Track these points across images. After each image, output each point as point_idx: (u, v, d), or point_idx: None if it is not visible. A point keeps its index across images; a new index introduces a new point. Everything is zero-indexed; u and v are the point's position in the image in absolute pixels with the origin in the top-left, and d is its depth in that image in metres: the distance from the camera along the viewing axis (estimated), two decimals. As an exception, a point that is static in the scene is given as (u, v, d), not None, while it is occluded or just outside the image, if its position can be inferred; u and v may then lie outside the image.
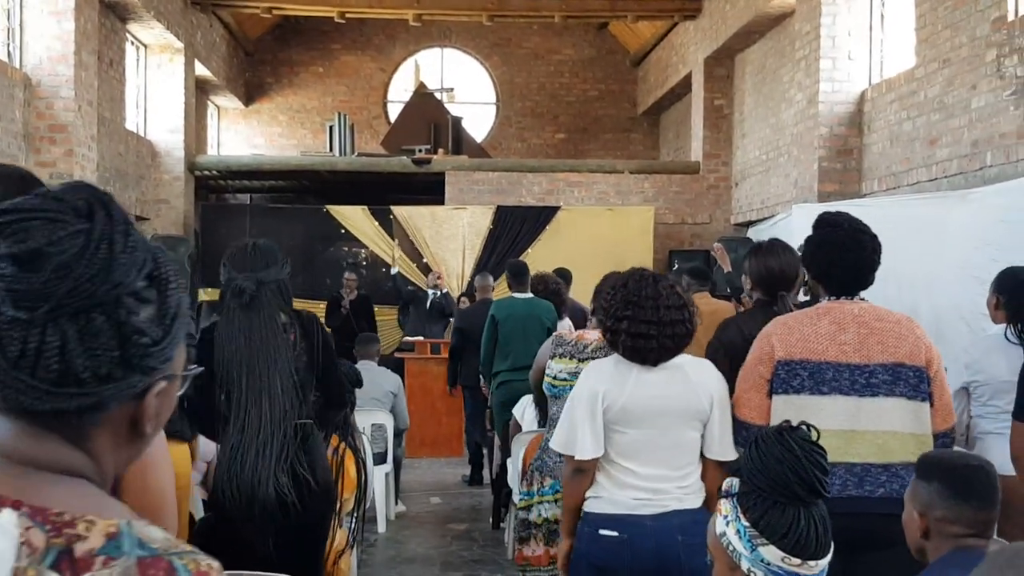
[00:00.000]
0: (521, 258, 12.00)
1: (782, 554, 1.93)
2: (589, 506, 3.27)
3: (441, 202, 13.45)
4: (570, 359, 4.11)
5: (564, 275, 8.18)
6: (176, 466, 4.04)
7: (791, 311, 3.80)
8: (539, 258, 11.84)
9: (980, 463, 2.45)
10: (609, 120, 18.56)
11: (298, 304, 11.88)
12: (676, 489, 3.15)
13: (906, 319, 3.29)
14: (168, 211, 13.16)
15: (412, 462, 10.13)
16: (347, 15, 14.92)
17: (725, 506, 2.03)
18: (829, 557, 1.99)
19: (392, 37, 18.27)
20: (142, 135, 12.96)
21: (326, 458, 3.81)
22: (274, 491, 3.51)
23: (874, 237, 3.30)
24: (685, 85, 15.13)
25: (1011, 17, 7.39)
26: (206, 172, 14.02)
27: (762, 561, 1.94)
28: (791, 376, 3.21)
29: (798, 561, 1.94)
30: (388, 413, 7.47)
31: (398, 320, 12.15)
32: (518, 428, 6.11)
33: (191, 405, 3.69)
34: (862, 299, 3.34)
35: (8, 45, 9.16)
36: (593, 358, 3.78)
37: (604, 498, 3.22)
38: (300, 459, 3.64)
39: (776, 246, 4.24)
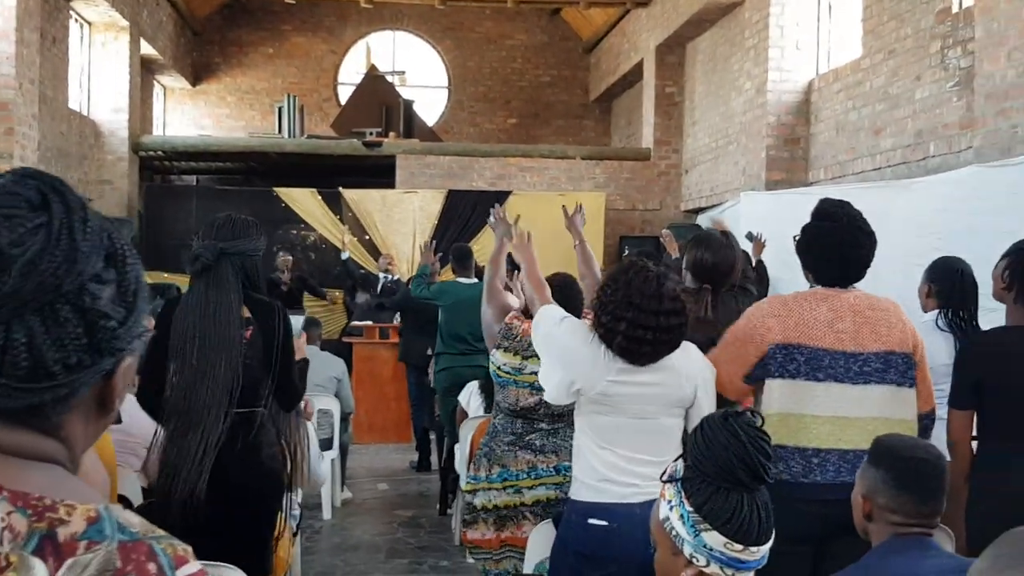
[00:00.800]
0: (472, 243, 11.99)
1: (725, 540, 1.94)
2: (576, 493, 3.24)
3: (392, 186, 13.36)
4: (514, 354, 4.07)
5: (512, 261, 8.16)
6: (101, 450, 3.97)
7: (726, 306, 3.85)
8: (490, 243, 11.77)
9: (930, 456, 2.45)
10: (561, 106, 18.56)
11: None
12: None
13: (894, 306, 3.33)
14: (112, 192, 12.94)
15: (360, 448, 10.08)
16: (297, -4, 14.76)
17: (669, 490, 2.03)
18: (770, 543, 1.99)
19: (343, 19, 18.10)
20: (85, 114, 12.71)
21: (274, 446, 3.76)
22: (192, 478, 3.46)
23: (870, 234, 3.31)
24: (637, 72, 15.15)
25: (955, 9, 7.48)
26: (151, 153, 13.80)
27: (704, 546, 1.95)
28: (788, 360, 3.22)
29: (740, 547, 1.94)
30: (333, 398, 7.42)
31: (344, 303, 12.07)
32: (465, 415, 6.09)
33: (143, 383, 3.63)
34: (854, 287, 3.37)
35: (-54, 21, 8.94)
36: (537, 356, 3.67)
37: (591, 486, 3.16)
38: (249, 445, 3.60)
39: (713, 239, 4.22)
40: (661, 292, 3.06)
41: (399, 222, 12.79)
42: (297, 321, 4.01)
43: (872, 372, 3.20)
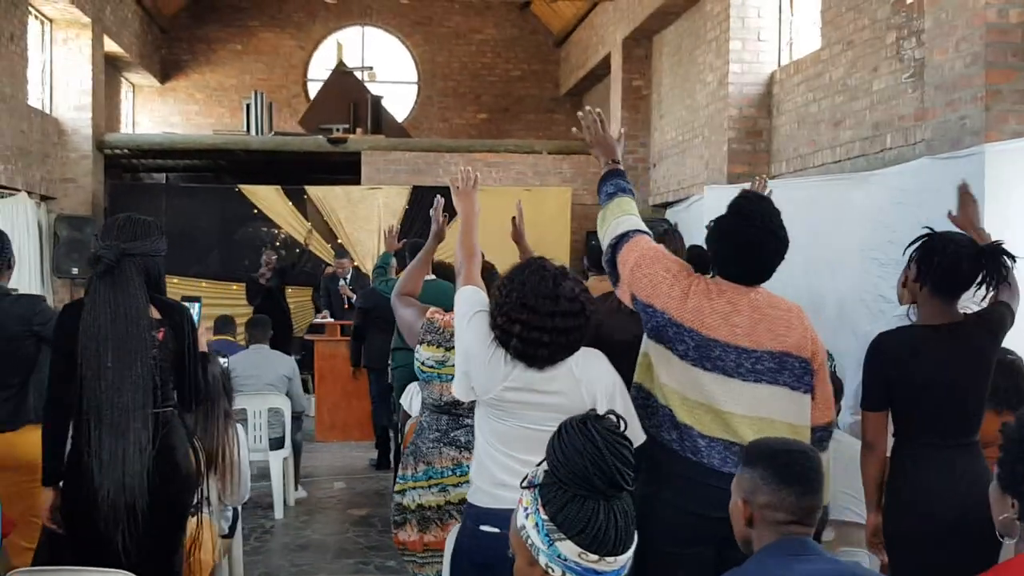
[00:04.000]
0: (436, 239, 11.92)
1: (579, 550, 1.85)
2: (471, 497, 3.17)
3: (358, 182, 13.27)
4: (437, 347, 3.99)
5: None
6: (31, 455, 3.87)
7: None
8: (454, 239, 11.73)
9: (803, 448, 2.43)
10: (532, 100, 18.47)
11: (213, 285, 11.70)
12: None
13: (797, 308, 3.22)
14: (76, 190, 12.80)
15: (321, 446, 10.03)
16: (261, -9, 14.65)
17: (526, 497, 1.94)
18: (631, 552, 1.91)
19: (311, 14, 17.97)
20: (47, 112, 12.57)
21: (186, 445, 3.69)
22: (130, 482, 3.39)
23: (781, 239, 3.17)
24: (605, 66, 15.07)
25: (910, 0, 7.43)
26: (116, 151, 13.67)
27: (559, 556, 1.86)
28: (678, 339, 3.12)
29: (595, 557, 1.85)
30: (284, 397, 7.33)
31: (312, 299, 12.00)
32: (407, 415, 6.02)
33: (54, 386, 3.55)
34: (760, 287, 3.26)
35: None
36: None
37: (485, 490, 3.09)
38: (163, 447, 3.53)
39: (667, 234, 4.18)
40: (557, 292, 2.98)
41: (364, 219, 12.72)
42: (194, 309, 4.01)
43: (765, 371, 3.09)
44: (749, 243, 3.14)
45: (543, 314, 2.96)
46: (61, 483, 3.58)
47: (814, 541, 2.31)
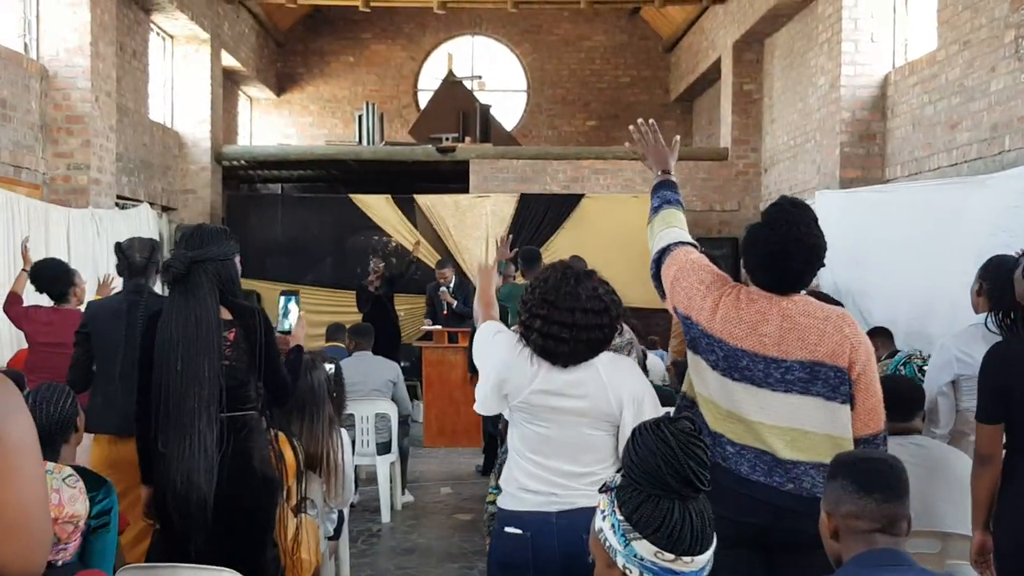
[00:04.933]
0: (544, 246, 11.97)
1: (655, 549, 1.85)
2: (500, 502, 3.23)
3: (467, 191, 13.40)
4: None
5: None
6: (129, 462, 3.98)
7: None
8: (562, 246, 11.77)
9: (884, 458, 2.40)
10: (641, 107, 18.35)
11: (326, 293, 11.90)
12: (584, 486, 3.02)
13: (837, 316, 3.09)
14: (195, 201, 13.25)
15: (429, 452, 10.15)
16: (372, 3, 14.92)
17: (603, 501, 1.96)
18: (709, 553, 1.90)
19: (422, 25, 18.23)
20: (168, 126, 13.04)
21: (266, 449, 3.78)
22: (197, 479, 3.48)
23: (810, 247, 3.06)
24: (716, 70, 14.92)
25: (1029, -4, 7.18)
26: (234, 162, 14.09)
27: (635, 556, 1.87)
28: (709, 350, 3.10)
29: (672, 556, 1.85)
30: (391, 402, 7.45)
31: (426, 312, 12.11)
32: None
33: (142, 391, 3.68)
34: (797, 293, 3.17)
35: (25, 37, 9.22)
36: None
37: (511, 494, 3.16)
38: (240, 450, 3.62)
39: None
40: (578, 290, 3.05)
41: (471, 226, 12.83)
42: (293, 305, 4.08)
43: (795, 381, 3.00)
44: (772, 252, 3.07)
45: (563, 309, 3.03)
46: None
47: (905, 552, 2.26)
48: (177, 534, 3.54)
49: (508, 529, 3.11)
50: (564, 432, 3.08)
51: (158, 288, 4.92)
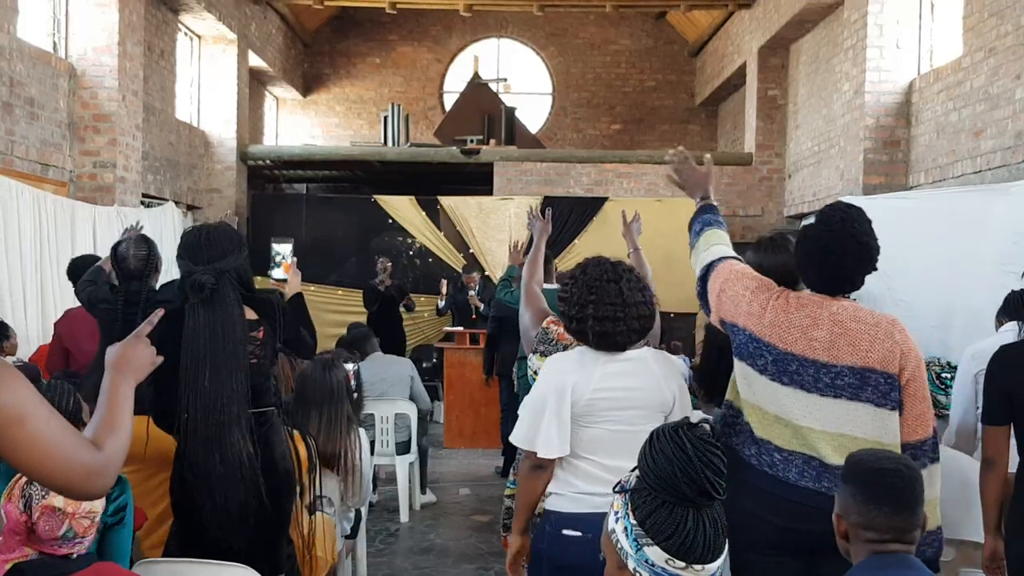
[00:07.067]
0: (567, 248, 11.99)
1: (666, 555, 1.86)
2: (551, 504, 3.20)
3: (491, 193, 13.42)
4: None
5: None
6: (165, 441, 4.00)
7: None
8: (585, 249, 11.76)
9: (897, 466, 2.31)
10: (666, 111, 18.37)
11: (349, 293, 11.89)
12: None
13: (887, 322, 3.04)
14: (220, 200, 13.33)
15: (449, 452, 10.18)
16: (398, 5, 14.99)
17: (617, 501, 1.96)
18: (720, 562, 1.91)
19: (448, 28, 18.30)
20: (195, 125, 13.14)
21: (285, 444, 3.81)
22: (234, 493, 3.50)
23: (864, 245, 3.03)
24: (741, 76, 14.91)
25: (1055, 4, 7.14)
26: (259, 162, 14.17)
27: (646, 561, 1.87)
28: (757, 354, 3.09)
29: (683, 564, 1.86)
30: (409, 401, 7.47)
31: (437, 308, 12.13)
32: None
33: (159, 398, 3.66)
34: (846, 296, 3.17)
35: (54, 36, 9.33)
36: None
37: (567, 496, 3.15)
38: (263, 444, 3.64)
39: (774, 243, 4.10)
40: (618, 274, 3.23)
41: (495, 228, 12.84)
42: (285, 249, 4.23)
43: (845, 387, 2.98)
44: (826, 249, 3.03)
45: (611, 290, 3.19)
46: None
47: (915, 558, 2.25)
48: (195, 528, 3.57)
49: (566, 532, 3.11)
50: (624, 429, 3.14)
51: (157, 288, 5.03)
